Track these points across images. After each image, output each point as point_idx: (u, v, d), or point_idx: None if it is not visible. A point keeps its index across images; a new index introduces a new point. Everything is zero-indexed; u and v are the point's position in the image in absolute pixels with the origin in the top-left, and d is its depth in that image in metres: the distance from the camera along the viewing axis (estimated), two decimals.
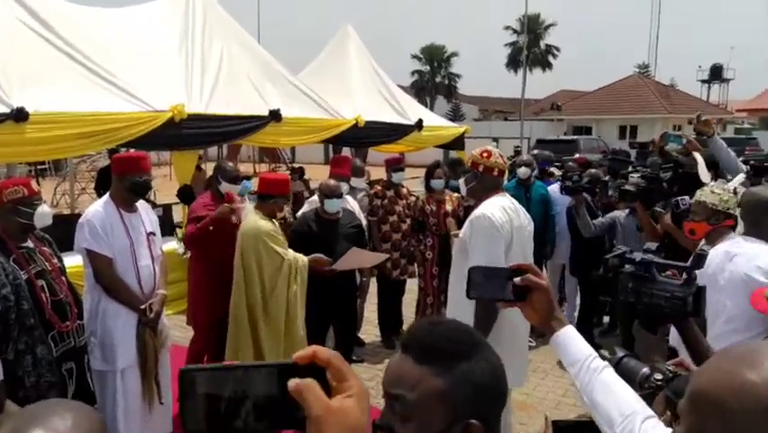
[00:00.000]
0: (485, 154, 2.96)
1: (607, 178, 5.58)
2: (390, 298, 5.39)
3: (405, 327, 5.56)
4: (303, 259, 3.67)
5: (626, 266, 1.70)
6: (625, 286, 1.67)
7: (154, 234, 3.37)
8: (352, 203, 4.72)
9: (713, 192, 2.95)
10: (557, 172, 4.92)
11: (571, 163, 6.15)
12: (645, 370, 1.42)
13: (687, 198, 3.89)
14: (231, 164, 4.40)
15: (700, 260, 1.98)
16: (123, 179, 3.23)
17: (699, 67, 42.80)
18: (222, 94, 6.36)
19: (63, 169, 14.56)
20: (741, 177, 3.62)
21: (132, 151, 5.33)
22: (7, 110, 4.37)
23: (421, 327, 1.09)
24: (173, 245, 6.00)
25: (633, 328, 1.60)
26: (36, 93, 4.80)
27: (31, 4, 5.42)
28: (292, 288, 3.62)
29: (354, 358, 4.93)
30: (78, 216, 5.21)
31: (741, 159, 6.36)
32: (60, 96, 5.00)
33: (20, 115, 4.42)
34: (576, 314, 5.89)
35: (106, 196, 3.28)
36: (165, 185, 10.83)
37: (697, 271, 1.65)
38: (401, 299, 5.54)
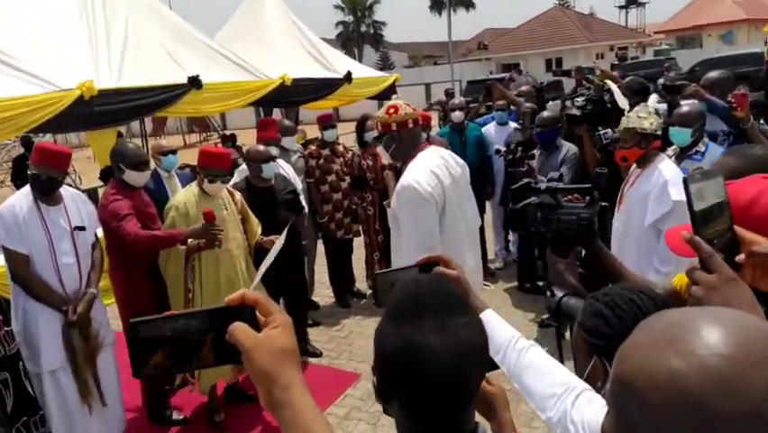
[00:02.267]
0: (391, 111, 2.74)
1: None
2: (339, 257, 5.32)
3: (357, 284, 5.53)
4: (179, 249, 3.33)
5: (533, 197, 1.69)
6: (534, 216, 1.66)
7: (83, 229, 3.08)
8: (285, 167, 4.54)
9: (639, 117, 2.99)
10: (502, 149, 4.80)
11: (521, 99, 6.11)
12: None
13: (609, 130, 3.96)
14: (132, 145, 3.76)
15: (600, 179, 1.99)
16: (31, 167, 2.94)
17: None
18: (133, 65, 5.94)
19: None
20: (654, 97, 3.71)
21: (50, 140, 4.92)
22: None
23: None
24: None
25: (546, 255, 1.62)
26: None
27: None
28: (168, 269, 3.38)
29: (311, 322, 4.86)
30: None
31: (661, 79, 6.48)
32: None
33: None
34: (509, 247, 6.04)
35: (27, 187, 3.00)
36: (89, 167, 10.26)
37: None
38: (350, 258, 5.48)
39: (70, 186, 8.54)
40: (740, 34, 31.70)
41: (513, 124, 5.70)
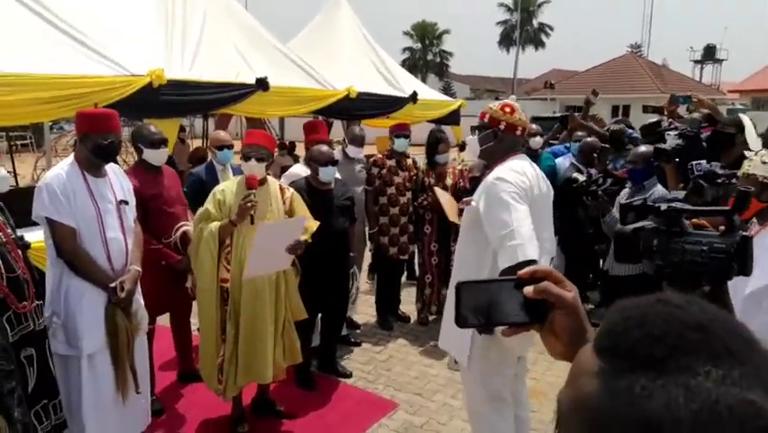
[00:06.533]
0: (507, 109, 2.56)
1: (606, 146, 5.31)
2: (388, 276, 5.05)
3: (402, 307, 5.25)
4: (211, 228, 3.12)
5: (648, 220, 1.35)
6: (649, 244, 1.31)
7: (126, 203, 2.94)
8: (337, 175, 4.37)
9: (765, 162, 2.57)
10: (581, 178, 4.45)
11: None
12: None
13: (703, 162, 3.55)
14: (152, 127, 3.77)
15: (745, 200, 1.61)
16: (85, 138, 2.79)
17: (691, 48, 42.63)
18: (204, 60, 5.95)
19: (46, 144, 14.05)
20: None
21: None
22: None
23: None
24: None
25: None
26: None
27: None
28: (200, 256, 3.15)
29: (353, 341, 4.62)
30: None
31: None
32: (26, 57, 4.58)
33: None
34: None
35: (70, 157, 2.85)
36: None
37: None
38: (400, 279, 5.21)
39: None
40: None
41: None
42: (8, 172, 6.64)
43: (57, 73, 4.63)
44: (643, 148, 3.86)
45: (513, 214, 2.30)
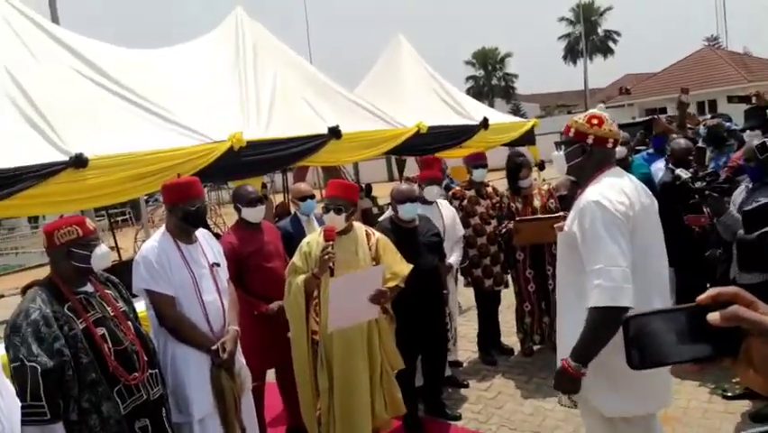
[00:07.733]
0: (594, 121, 2.34)
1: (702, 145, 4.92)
2: (486, 309, 4.88)
3: (503, 339, 5.03)
4: (297, 282, 3.18)
5: None
6: None
7: (218, 265, 3.04)
8: (447, 210, 4.34)
9: None
10: (684, 175, 4.04)
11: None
12: None
13: None
14: (249, 187, 3.96)
15: None
16: (173, 208, 2.93)
17: None
18: (278, 117, 6.17)
19: (143, 216, 14.99)
20: None
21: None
22: (65, 158, 4.27)
23: None
24: None
25: None
26: (93, 137, 4.71)
27: (84, 52, 5.43)
28: (289, 307, 3.26)
29: (460, 382, 4.45)
30: None
31: None
32: (118, 139, 4.91)
33: (79, 162, 4.31)
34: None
35: (162, 228, 3.00)
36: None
37: None
38: (497, 310, 5.02)
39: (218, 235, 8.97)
40: None
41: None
42: (110, 248, 7.12)
43: (146, 150, 4.92)
44: (756, 141, 3.50)
45: (604, 251, 2.10)
